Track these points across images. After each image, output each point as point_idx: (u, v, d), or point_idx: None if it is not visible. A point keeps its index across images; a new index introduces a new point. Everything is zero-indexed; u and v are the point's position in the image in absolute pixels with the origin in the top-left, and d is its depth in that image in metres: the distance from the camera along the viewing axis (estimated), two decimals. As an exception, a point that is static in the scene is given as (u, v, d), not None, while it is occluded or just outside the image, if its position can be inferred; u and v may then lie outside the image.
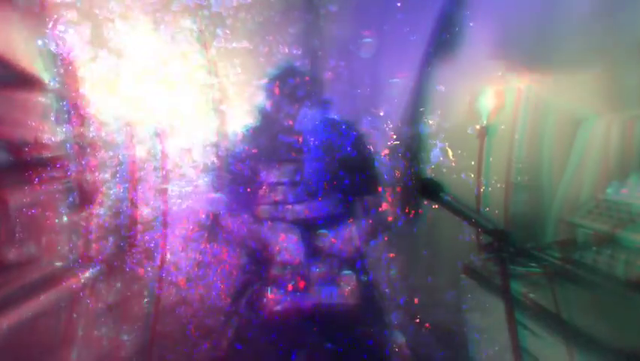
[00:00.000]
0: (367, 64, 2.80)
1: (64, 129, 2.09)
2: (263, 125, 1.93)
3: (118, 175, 2.41)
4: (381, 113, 2.87)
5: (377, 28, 2.69)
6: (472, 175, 2.56)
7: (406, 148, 2.71)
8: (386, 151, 2.77)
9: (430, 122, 2.72)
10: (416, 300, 2.76)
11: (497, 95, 2.39)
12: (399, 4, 2.69)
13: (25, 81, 1.88)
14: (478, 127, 2.39)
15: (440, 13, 2.52)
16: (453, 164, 2.69)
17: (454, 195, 1.53)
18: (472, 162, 2.56)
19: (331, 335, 1.71)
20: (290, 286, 1.69)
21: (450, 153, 2.70)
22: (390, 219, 1.98)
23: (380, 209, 1.97)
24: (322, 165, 1.85)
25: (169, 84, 2.43)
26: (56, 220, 2.02)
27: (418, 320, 2.68)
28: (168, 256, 2.53)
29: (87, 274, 2.11)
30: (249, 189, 1.85)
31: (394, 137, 2.79)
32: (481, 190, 2.46)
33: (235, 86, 2.62)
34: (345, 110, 2.84)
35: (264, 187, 1.85)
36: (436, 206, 1.52)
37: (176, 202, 2.59)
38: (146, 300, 2.48)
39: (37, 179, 1.89)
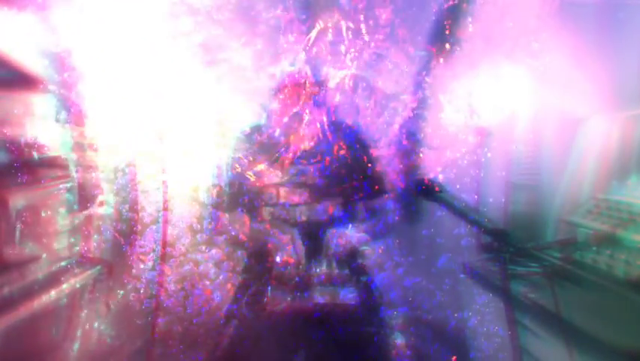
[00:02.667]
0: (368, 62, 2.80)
1: (64, 129, 2.09)
2: (266, 126, 1.94)
3: (118, 175, 2.41)
4: (383, 115, 2.87)
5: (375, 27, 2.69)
6: (473, 175, 2.56)
7: (406, 148, 2.71)
8: (387, 152, 2.77)
9: (430, 122, 2.72)
10: (416, 300, 2.76)
11: (496, 94, 2.39)
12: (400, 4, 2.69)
13: (25, 81, 1.88)
14: (478, 127, 2.39)
15: (440, 10, 2.51)
16: (452, 163, 2.68)
17: (454, 194, 1.53)
18: (472, 162, 2.56)
19: (331, 336, 1.71)
20: (290, 287, 1.69)
21: (449, 152, 2.70)
22: (390, 219, 1.98)
23: (381, 210, 1.97)
24: (325, 166, 1.86)
25: (170, 84, 2.42)
26: (56, 220, 2.02)
27: (418, 320, 2.68)
28: (169, 255, 2.53)
29: (87, 274, 2.11)
30: (251, 190, 1.85)
31: (395, 137, 2.79)
32: (481, 190, 2.46)
33: (236, 84, 2.62)
34: (346, 110, 2.85)
35: (266, 188, 1.85)
36: (436, 205, 1.52)
37: (177, 202, 2.59)
38: (146, 300, 2.48)
39: (37, 179, 1.89)
